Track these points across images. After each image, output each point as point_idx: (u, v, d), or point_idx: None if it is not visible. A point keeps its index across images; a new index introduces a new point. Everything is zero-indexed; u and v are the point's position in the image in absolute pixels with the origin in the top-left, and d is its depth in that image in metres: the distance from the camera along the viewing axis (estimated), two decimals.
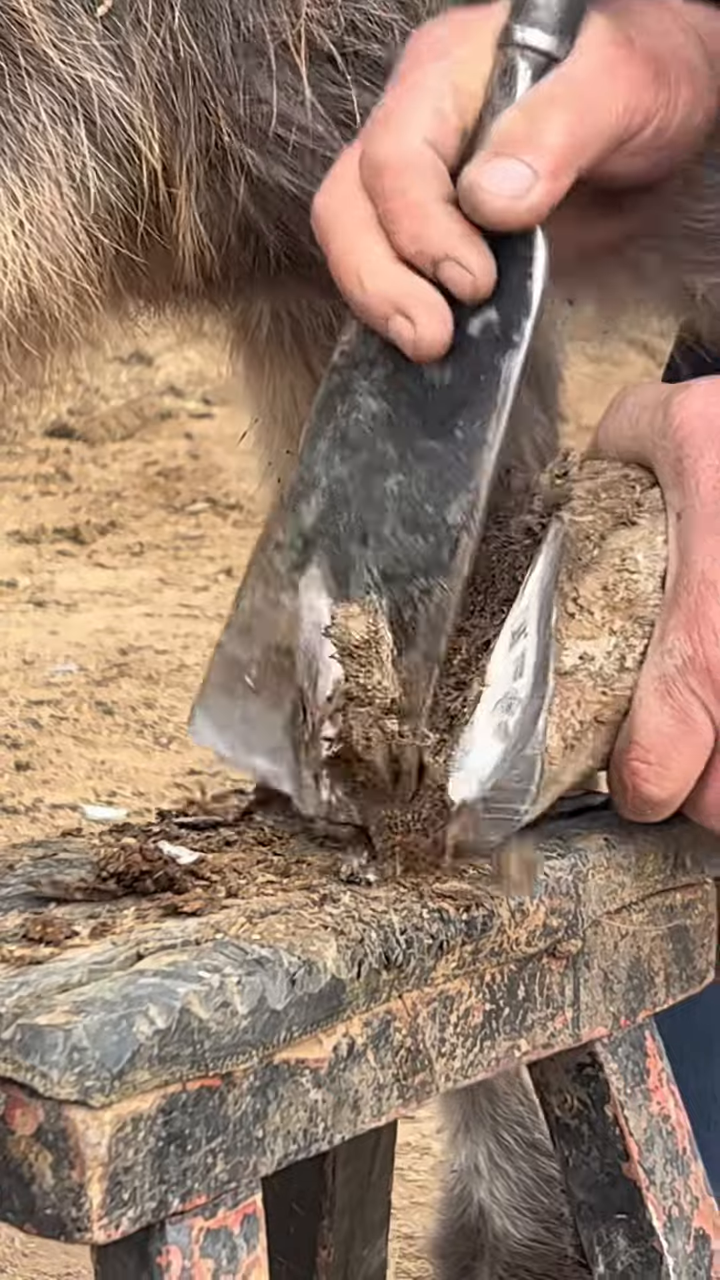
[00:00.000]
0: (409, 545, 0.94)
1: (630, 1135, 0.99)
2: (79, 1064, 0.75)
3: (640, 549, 0.97)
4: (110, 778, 2.91)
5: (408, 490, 0.95)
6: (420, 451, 0.95)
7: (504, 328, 0.95)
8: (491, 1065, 0.92)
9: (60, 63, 1.04)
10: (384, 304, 0.95)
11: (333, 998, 0.84)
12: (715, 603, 0.94)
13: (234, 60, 1.07)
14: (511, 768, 0.92)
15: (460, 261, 0.94)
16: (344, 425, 0.96)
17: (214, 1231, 0.80)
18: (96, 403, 4.45)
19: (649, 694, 0.95)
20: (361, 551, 0.94)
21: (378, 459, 0.95)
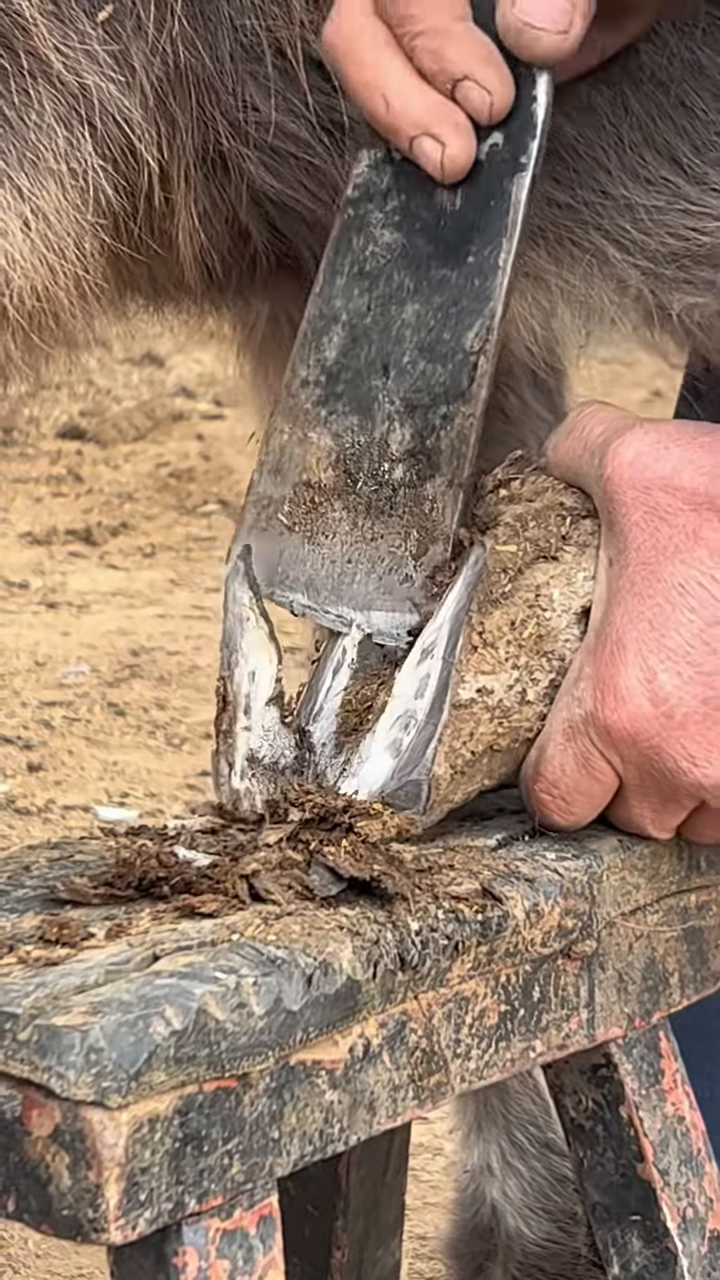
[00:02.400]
0: (429, 373, 0.95)
1: (645, 1136, 0.99)
2: (96, 1065, 0.75)
3: (557, 585, 0.97)
4: (122, 779, 2.91)
5: (425, 319, 0.95)
6: (435, 279, 0.96)
7: (512, 151, 0.96)
8: (507, 1066, 0.92)
9: (62, 66, 1.04)
10: (410, 124, 0.95)
11: (348, 999, 0.84)
12: (623, 666, 0.94)
13: (231, 66, 1.07)
14: (399, 786, 0.93)
15: (480, 82, 0.94)
16: (361, 258, 0.97)
17: (230, 1232, 0.80)
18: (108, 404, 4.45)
19: (557, 732, 0.96)
20: (383, 382, 0.96)
21: (394, 289, 0.96)
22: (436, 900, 0.88)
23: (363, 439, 0.96)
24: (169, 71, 1.06)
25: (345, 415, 0.96)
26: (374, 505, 0.95)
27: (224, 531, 3.99)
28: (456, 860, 0.92)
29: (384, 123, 0.95)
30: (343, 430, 0.96)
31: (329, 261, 0.97)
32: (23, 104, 1.05)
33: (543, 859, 0.94)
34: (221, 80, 1.07)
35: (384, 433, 0.95)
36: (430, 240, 0.96)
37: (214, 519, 4.06)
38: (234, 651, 0.97)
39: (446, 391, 0.94)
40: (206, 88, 1.07)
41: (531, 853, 0.95)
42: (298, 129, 1.08)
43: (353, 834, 0.90)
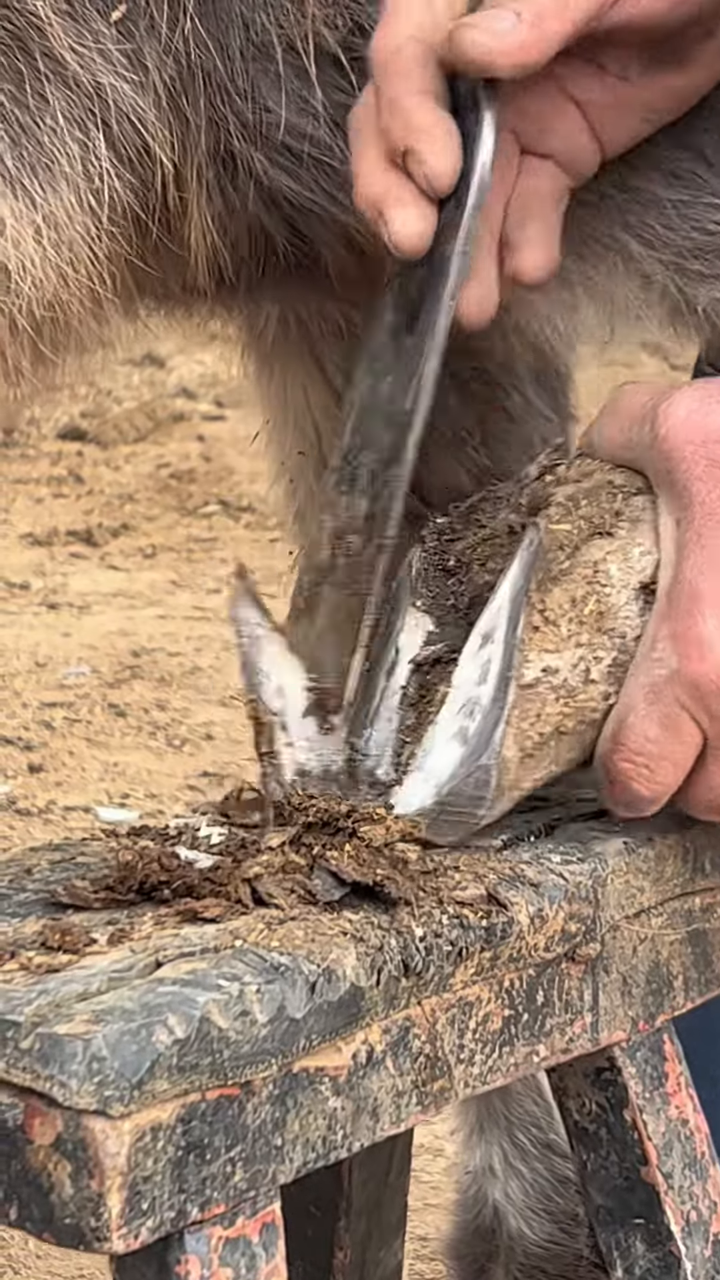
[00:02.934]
0: (383, 442, 1.00)
1: (648, 1139, 0.99)
2: (98, 1074, 0.75)
3: (614, 560, 0.97)
4: (123, 780, 2.91)
5: (392, 390, 1.00)
6: (401, 350, 1.00)
7: (454, 212, 0.98)
8: (510, 1071, 0.91)
9: (77, 67, 1.04)
10: (368, 205, 0.98)
11: (352, 1005, 0.83)
12: (701, 617, 0.94)
13: (243, 65, 1.07)
14: (468, 775, 0.93)
15: (421, 155, 0.96)
16: (371, 343, 1.02)
17: (233, 1240, 0.80)
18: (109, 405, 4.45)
19: (638, 699, 0.95)
20: (365, 458, 1.00)
21: (383, 366, 1.01)
22: (441, 905, 0.88)
23: (345, 515, 1.00)
24: (181, 71, 1.06)
25: (344, 495, 1.01)
26: (340, 578, 1.00)
27: (225, 532, 3.99)
28: (462, 862, 0.92)
29: (356, 205, 0.99)
30: (340, 510, 1.01)
31: (361, 349, 1.02)
32: (37, 108, 1.05)
33: (548, 862, 0.94)
34: (233, 80, 1.07)
35: (355, 505, 1.00)
36: (406, 313, 1.00)
37: (215, 520, 4.06)
38: (255, 673, 0.98)
39: (389, 457, 0.99)
40: (219, 87, 1.07)
41: (537, 855, 0.94)
42: (313, 129, 1.08)
43: (356, 838, 0.90)
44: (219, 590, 3.70)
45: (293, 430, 1.39)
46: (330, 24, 1.06)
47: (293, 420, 1.39)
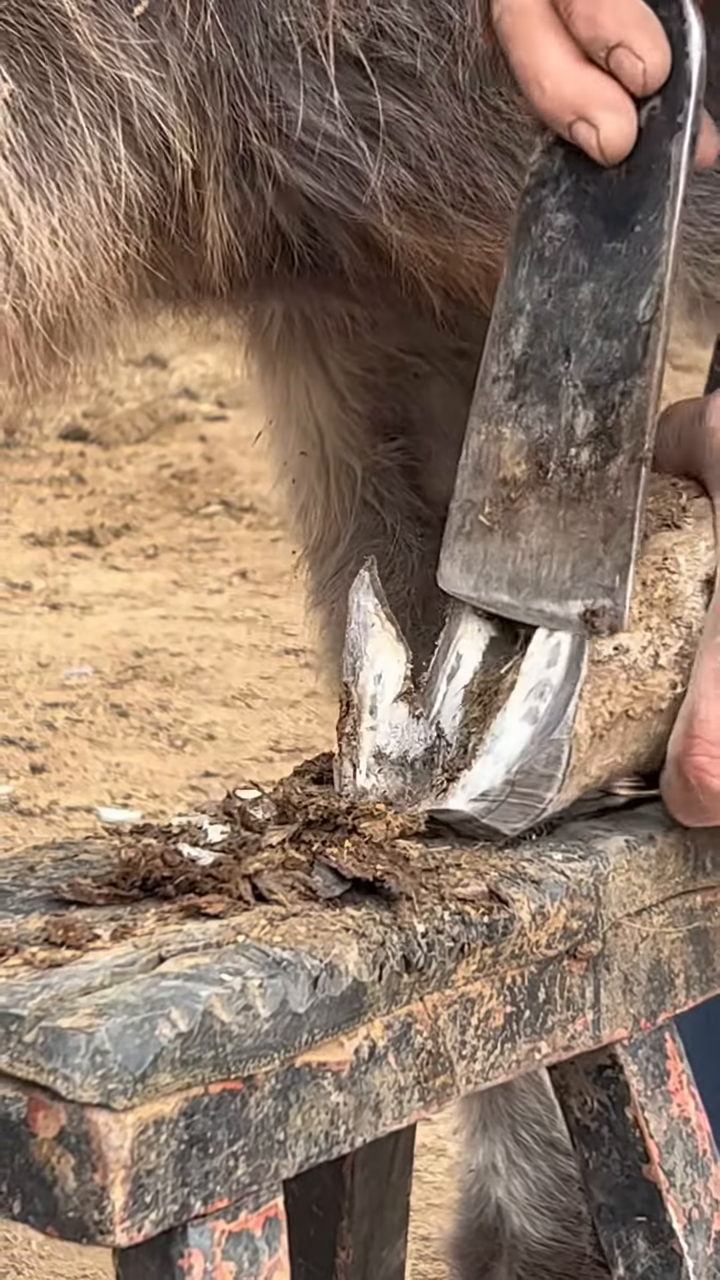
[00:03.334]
0: (605, 350, 0.94)
1: (650, 1137, 0.99)
2: (101, 1067, 0.75)
3: (682, 552, 0.97)
4: (125, 780, 2.91)
5: (599, 296, 0.95)
6: (606, 254, 0.95)
7: (669, 111, 0.94)
8: (512, 1067, 0.91)
9: (101, 63, 1.03)
10: (564, 109, 0.93)
11: (354, 1000, 0.84)
12: None
13: (262, 62, 1.06)
14: (539, 750, 0.92)
15: (634, 49, 0.92)
16: (539, 245, 0.96)
17: (236, 1234, 0.80)
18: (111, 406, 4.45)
19: (707, 685, 0.95)
20: (566, 367, 0.95)
21: (571, 271, 0.96)
22: (443, 902, 0.88)
23: (551, 427, 0.95)
24: (201, 67, 1.06)
25: (534, 406, 0.95)
26: (564, 494, 0.94)
27: (226, 533, 3.99)
28: (463, 859, 0.92)
29: (540, 109, 0.93)
30: (532, 421, 0.95)
31: (511, 253, 0.97)
32: (59, 109, 1.04)
33: (549, 859, 0.94)
34: (252, 77, 1.06)
35: (569, 418, 0.95)
36: (600, 216, 0.95)
37: (216, 520, 4.06)
38: (359, 657, 0.97)
39: (623, 366, 0.94)
40: (238, 84, 1.07)
41: (538, 852, 0.95)
42: (331, 127, 1.07)
43: (356, 835, 0.90)
44: (221, 590, 3.71)
45: (295, 430, 1.39)
46: (352, 26, 1.06)
47: (295, 420, 1.39)
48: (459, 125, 1.08)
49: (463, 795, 0.93)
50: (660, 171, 0.93)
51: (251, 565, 3.79)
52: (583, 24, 0.92)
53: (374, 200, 1.08)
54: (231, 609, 3.59)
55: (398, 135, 1.08)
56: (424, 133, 1.08)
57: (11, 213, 1.04)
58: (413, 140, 1.08)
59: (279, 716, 3.11)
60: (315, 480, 1.39)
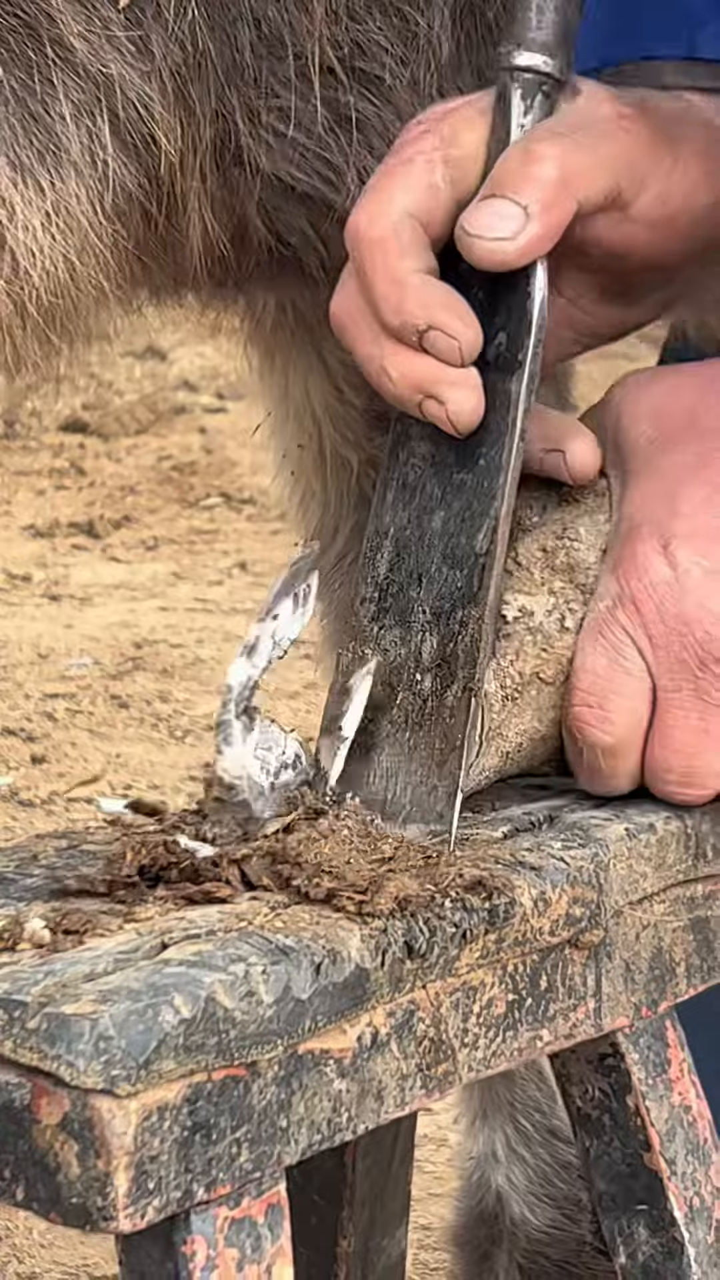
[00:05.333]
0: (449, 579, 0.97)
1: (651, 1126, 0.99)
2: (105, 1053, 0.75)
3: (583, 523, 1.00)
4: (125, 771, 2.91)
5: (448, 525, 0.98)
6: (456, 484, 0.98)
7: (510, 349, 0.97)
8: (514, 1055, 0.92)
9: (86, 54, 1.04)
10: (412, 390, 0.96)
11: (357, 987, 0.84)
12: (639, 542, 0.97)
13: (250, 56, 1.08)
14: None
15: (444, 330, 0.95)
16: (404, 471, 1.00)
17: (239, 1221, 0.80)
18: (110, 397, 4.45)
19: (585, 639, 0.98)
20: (418, 593, 0.98)
21: (427, 499, 0.99)
22: (444, 889, 0.88)
23: (403, 651, 0.98)
24: (187, 59, 1.07)
25: (391, 629, 0.99)
26: (410, 717, 0.97)
27: (226, 524, 3.99)
28: (462, 849, 0.92)
29: (390, 394, 0.97)
30: (389, 645, 0.98)
31: (382, 478, 1.00)
32: (47, 96, 1.05)
33: (549, 849, 0.94)
34: (239, 69, 1.08)
35: (418, 643, 0.97)
36: (452, 447, 0.98)
37: (216, 512, 4.06)
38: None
39: (462, 596, 0.97)
40: (225, 76, 1.08)
41: (538, 843, 0.95)
42: (312, 123, 1.09)
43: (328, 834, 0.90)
44: (220, 582, 3.71)
45: (294, 423, 1.40)
46: (334, 43, 1.08)
47: (293, 413, 1.39)
48: None
49: None
50: (501, 407, 0.97)
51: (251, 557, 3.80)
52: (389, 313, 0.96)
53: (349, 190, 1.11)
54: (231, 600, 3.59)
55: (365, 131, 1.11)
56: (387, 128, 1.12)
57: (4, 198, 1.05)
58: (378, 136, 1.12)
59: (279, 708, 3.11)
60: (313, 473, 1.39)
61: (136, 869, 0.88)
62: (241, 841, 0.91)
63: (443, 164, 0.97)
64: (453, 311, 0.96)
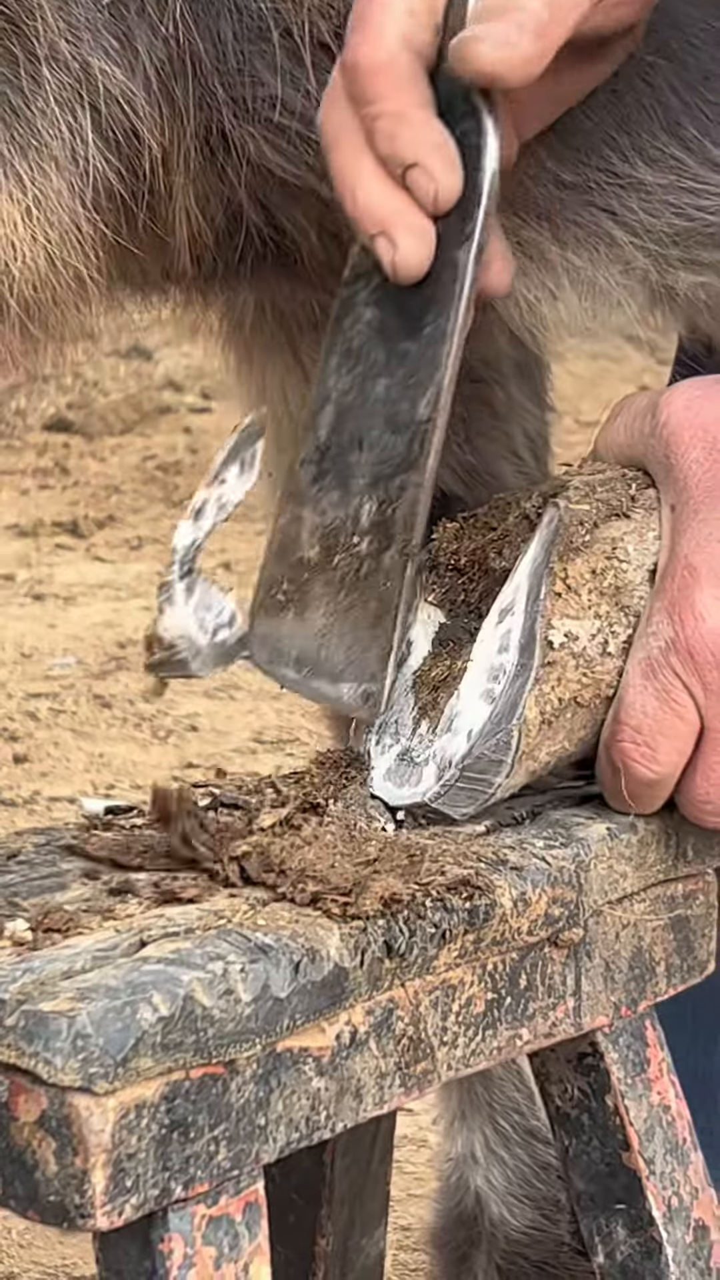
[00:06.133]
0: (390, 445, 0.98)
1: (630, 1125, 0.99)
2: (83, 1051, 0.75)
3: (631, 540, 1.00)
4: (108, 770, 2.91)
5: (390, 392, 0.98)
6: (399, 352, 0.98)
7: (460, 220, 0.97)
8: (493, 1054, 0.92)
9: (68, 49, 1.04)
10: (370, 222, 0.96)
11: (336, 986, 0.84)
12: (697, 586, 0.96)
13: (235, 46, 1.07)
14: (492, 735, 0.94)
15: (429, 170, 0.95)
16: (349, 337, 1.00)
17: (216, 1219, 0.80)
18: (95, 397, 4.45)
19: (635, 675, 0.97)
20: (359, 457, 0.98)
21: (370, 365, 0.99)
22: (424, 888, 0.88)
23: (341, 514, 0.98)
24: (172, 54, 1.06)
25: (330, 491, 0.99)
26: (346, 578, 0.98)
27: None
28: (444, 847, 0.92)
29: (350, 215, 0.97)
30: (327, 507, 0.99)
31: (326, 342, 1.00)
32: (30, 90, 1.05)
33: (531, 847, 0.94)
34: (224, 61, 1.07)
35: (356, 506, 0.98)
36: (398, 314, 0.98)
37: None
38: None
39: (402, 461, 0.97)
40: (210, 68, 1.07)
41: (519, 840, 0.95)
42: (304, 108, 1.08)
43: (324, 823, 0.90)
44: None
45: (272, 425, 1.40)
46: (325, 14, 1.07)
47: (271, 415, 1.39)
48: None
49: (431, 771, 0.94)
50: (449, 278, 0.97)
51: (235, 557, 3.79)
52: (383, 141, 0.95)
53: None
54: None
55: None
56: None
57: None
58: None
59: (262, 708, 3.11)
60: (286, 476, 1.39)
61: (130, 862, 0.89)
62: (234, 833, 0.90)
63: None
64: (442, 155, 0.95)
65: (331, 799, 0.93)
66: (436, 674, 0.98)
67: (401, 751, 0.96)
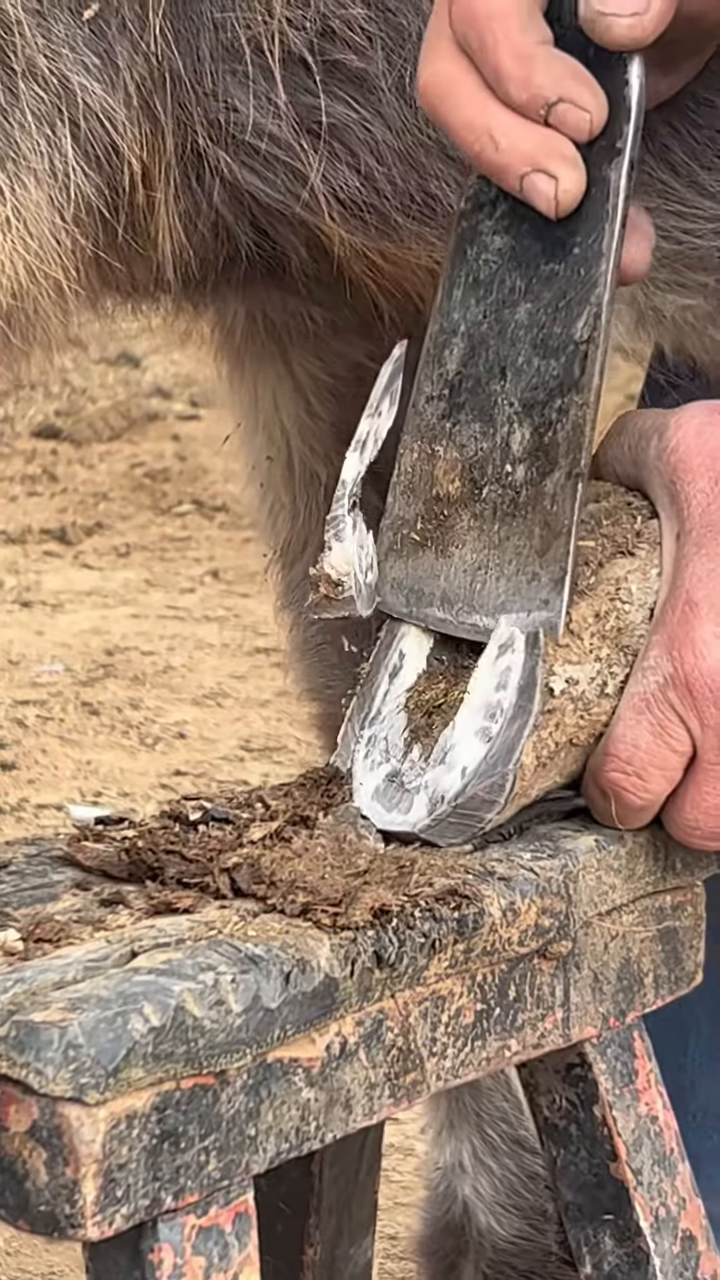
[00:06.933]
0: (543, 369, 0.95)
1: (618, 1136, 0.99)
2: (74, 1061, 0.75)
3: (635, 580, 0.98)
4: (95, 778, 2.91)
5: (536, 316, 0.96)
6: (544, 276, 0.96)
7: (609, 138, 0.95)
8: (482, 1065, 0.92)
9: (46, 65, 1.04)
10: (521, 161, 0.94)
11: (326, 996, 0.84)
12: (697, 622, 0.95)
13: (212, 66, 1.07)
14: (486, 776, 0.93)
15: (576, 102, 0.94)
16: (475, 267, 0.98)
17: (206, 1229, 0.80)
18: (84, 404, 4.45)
19: (627, 709, 0.97)
20: (502, 386, 0.96)
21: (507, 293, 0.97)
22: (413, 899, 0.89)
23: (485, 445, 0.96)
24: (152, 70, 1.06)
25: (469, 424, 0.97)
26: (499, 509, 0.96)
27: (198, 532, 3.99)
28: (433, 860, 0.92)
29: (492, 162, 0.95)
30: (467, 440, 0.97)
31: (446, 275, 0.98)
32: (9, 103, 1.05)
33: (519, 859, 0.95)
34: (201, 80, 1.07)
35: (505, 435, 0.96)
36: (538, 238, 0.96)
37: (189, 519, 4.06)
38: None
39: (561, 384, 0.95)
40: (188, 87, 1.07)
41: (508, 853, 0.95)
42: (277, 129, 1.08)
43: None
44: (193, 589, 3.70)
45: (262, 435, 1.39)
46: (297, 25, 1.06)
47: (262, 424, 1.39)
48: (409, 131, 1.09)
49: (422, 801, 0.94)
50: (600, 195, 0.95)
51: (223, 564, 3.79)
52: (516, 87, 0.94)
53: (317, 202, 1.09)
54: (203, 608, 3.59)
55: (345, 139, 1.08)
56: (373, 138, 1.09)
57: None
58: (361, 145, 1.09)
59: (250, 715, 3.11)
60: (282, 486, 1.39)
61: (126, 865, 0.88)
62: (227, 847, 0.90)
63: None
64: (584, 84, 0.94)
65: (321, 812, 0.93)
66: (430, 697, 0.97)
67: (391, 773, 0.95)
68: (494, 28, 0.94)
